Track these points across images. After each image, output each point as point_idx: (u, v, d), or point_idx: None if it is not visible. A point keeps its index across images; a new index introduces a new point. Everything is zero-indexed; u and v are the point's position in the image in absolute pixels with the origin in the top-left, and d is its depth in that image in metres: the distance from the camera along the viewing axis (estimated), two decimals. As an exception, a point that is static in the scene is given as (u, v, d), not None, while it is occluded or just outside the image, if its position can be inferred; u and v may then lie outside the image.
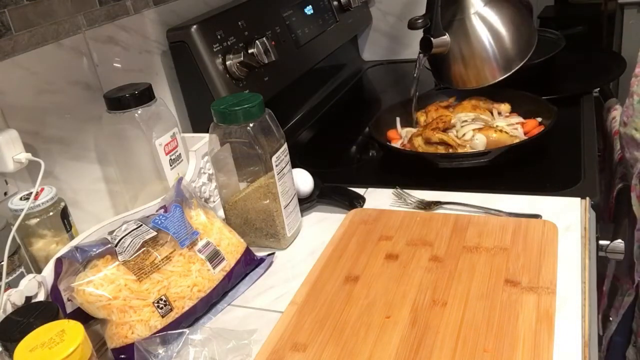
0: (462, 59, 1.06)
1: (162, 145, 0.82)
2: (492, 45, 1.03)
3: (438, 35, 1.04)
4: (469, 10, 1.04)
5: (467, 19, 1.03)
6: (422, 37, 1.05)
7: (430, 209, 0.84)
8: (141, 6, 0.96)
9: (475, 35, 1.04)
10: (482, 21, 1.04)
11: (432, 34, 1.04)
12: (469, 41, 1.05)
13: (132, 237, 0.66)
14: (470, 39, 1.04)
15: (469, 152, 0.94)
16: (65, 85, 0.82)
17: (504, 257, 0.70)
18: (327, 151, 1.16)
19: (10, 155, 0.71)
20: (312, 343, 0.62)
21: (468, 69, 1.06)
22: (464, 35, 1.04)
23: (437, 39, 1.04)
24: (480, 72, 1.06)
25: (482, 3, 1.04)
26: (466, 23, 1.04)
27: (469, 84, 1.08)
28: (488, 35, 1.03)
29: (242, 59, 1.00)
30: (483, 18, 1.03)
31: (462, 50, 1.06)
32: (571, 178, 0.86)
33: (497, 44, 1.03)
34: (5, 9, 0.74)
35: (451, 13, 1.06)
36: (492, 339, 0.58)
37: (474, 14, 1.03)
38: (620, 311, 0.99)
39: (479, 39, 1.04)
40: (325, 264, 0.75)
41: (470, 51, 1.05)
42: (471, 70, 1.05)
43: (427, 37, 1.04)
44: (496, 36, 1.04)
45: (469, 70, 1.06)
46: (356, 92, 1.48)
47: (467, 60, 1.06)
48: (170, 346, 0.63)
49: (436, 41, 1.04)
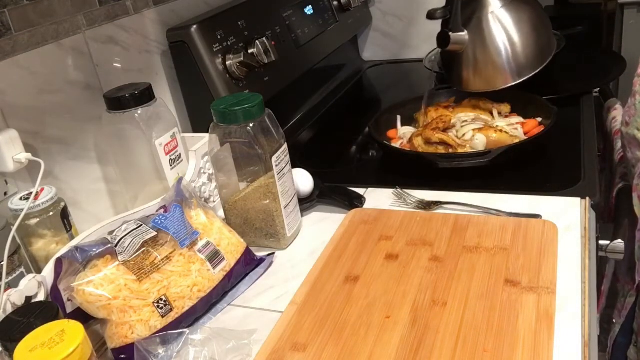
0: (475, 60, 1.02)
1: (162, 145, 0.82)
2: (507, 49, 0.99)
3: (456, 30, 0.99)
4: (487, 9, 1.00)
5: (485, 17, 0.99)
6: (440, 32, 0.99)
7: (430, 209, 0.84)
8: (141, 6, 0.96)
9: (491, 36, 1.00)
10: (499, 22, 1.00)
11: (451, 29, 0.99)
12: (483, 42, 1.01)
13: (132, 237, 0.66)
14: (485, 39, 1.00)
15: (469, 152, 0.94)
16: (65, 85, 0.82)
17: (504, 257, 0.70)
18: (327, 151, 1.16)
19: (10, 155, 0.71)
20: (312, 343, 0.62)
21: (478, 72, 1.01)
22: (479, 35, 1.00)
23: (455, 34, 0.99)
24: (490, 76, 1.02)
25: (499, 4, 1.00)
26: (483, 22, 1.00)
27: (477, 87, 1.05)
28: (504, 38, 0.99)
29: (242, 59, 1.00)
30: (499, 19, 0.99)
31: (475, 50, 1.02)
32: (571, 178, 0.86)
33: (512, 49, 0.99)
34: (5, 9, 0.74)
35: (470, 9, 1.01)
36: (492, 339, 0.58)
37: (491, 14, 0.99)
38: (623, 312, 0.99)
39: (493, 40, 1.00)
40: (325, 264, 0.75)
41: (484, 53, 1.01)
42: (482, 73, 1.01)
43: (445, 32, 0.99)
44: (511, 40, 1.00)
45: (479, 73, 1.02)
46: (356, 92, 1.48)
47: (479, 62, 1.02)
48: (170, 346, 0.63)
49: (454, 37, 0.98)
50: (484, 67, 1.02)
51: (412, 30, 1.56)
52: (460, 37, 0.99)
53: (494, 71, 1.01)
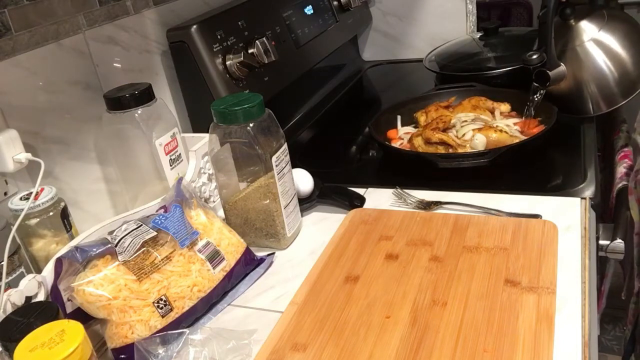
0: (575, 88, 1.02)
1: (162, 145, 0.82)
2: (612, 70, 0.99)
3: (554, 67, 1.00)
4: (581, 38, 1.01)
5: (580, 47, 1.00)
6: (538, 71, 0.99)
7: (430, 209, 0.84)
8: (141, 6, 0.96)
9: (592, 63, 1.00)
10: (599, 47, 1.00)
11: (548, 67, 0.99)
12: (583, 70, 1.01)
13: (132, 237, 0.66)
14: (585, 68, 1.00)
15: (469, 152, 0.94)
16: (65, 85, 0.82)
17: (504, 257, 0.70)
18: (327, 151, 1.16)
19: (10, 155, 0.71)
20: (312, 343, 0.62)
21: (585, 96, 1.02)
22: (578, 65, 1.01)
23: (553, 71, 0.99)
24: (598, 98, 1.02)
25: (596, 29, 1.01)
26: (579, 52, 1.00)
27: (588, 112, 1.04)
28: (606, 60, 0.99)
29: (242, 59, 1.00)
30: (600, 43, 1.00)
31: (576, 79, 1.02)
32: (571, 178, 0.87)
33: (617, 70, 1.00)
34: (5, 9, 0.74)
35: (562, 43, 1.03)
36: (492, 339, 0.58)
37: (589, 41, 0.99)
38: None
39: (595, 66, 1.00)
40: (325, 264, 0.75)
41: (585, 80, 1.01)
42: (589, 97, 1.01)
43: (543, 71, 0.99)
44: (615, 61, 1.00)
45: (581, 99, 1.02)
46: (356, 92, 1.48)
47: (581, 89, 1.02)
48: (170, 346, 0.63)
49: (553, 74, 0.99)
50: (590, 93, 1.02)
51: (412, 30, 1.56)
52: (559, 72, 1.00)
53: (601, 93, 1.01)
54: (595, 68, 1.01)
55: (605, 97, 1.01)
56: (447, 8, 1.49)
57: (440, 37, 1.48)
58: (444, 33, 1.49)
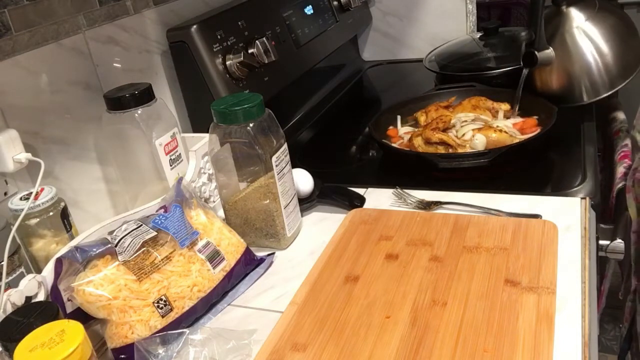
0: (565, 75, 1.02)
1: (162, 145, 0.82)
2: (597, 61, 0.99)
3: (542, 49, 1.00)
4: (570, 24, 1.00)
5: (568, 33, 0.99)
6: (526, 52, 1.00)
7: (430, 209, 0.84)
8: (141, 6, 0.96)
9: (577, 50, 1.00)
10: (585, 35, 0.99)
11: (536, 48, 0.99)
12: (570, 57, 1.01)
13: (132, 237, 0.66)
14: (572, 54, 1.00)
15: (469, 152, 0.94)
16: (65, 85, 0.82)
17: (504, 257, 0.70)
18: (327, 151, 1.16)
19: (10, 155, 0.71)
20: (312, 343, 0.62)
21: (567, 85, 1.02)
22: (565, 50, 1.01)
23: (541, 52, 0.99)
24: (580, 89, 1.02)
25: (583, 17, 1.00)
26: (566, 38, 1.00)
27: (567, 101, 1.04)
28: (592, 50, 0.99)
29: (242, 59, 1.00)
30: (585, 32, 0.99)
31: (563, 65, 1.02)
32: (571, 178, 0.86)
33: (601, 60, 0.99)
34: (5, 9, 0.74)
35: (553, 26, 1.02)
36: (492, 339, 0.58)
37: (576, 28, 0.99)
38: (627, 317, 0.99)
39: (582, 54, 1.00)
40: (325, 264, 0.75)
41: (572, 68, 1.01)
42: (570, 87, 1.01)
43: (531, 52, 1.00)
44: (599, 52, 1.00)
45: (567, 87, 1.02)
46: (356, 92, 1.48)
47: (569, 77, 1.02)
48: (170, 346, 0.63)
49: (541, 55, 0.99)
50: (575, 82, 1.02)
51: (412, 30, 1.56)
52: (547, 55, 1.00)
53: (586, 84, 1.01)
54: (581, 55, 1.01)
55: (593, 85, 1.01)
56: (447, 8, 1.49)
57: (440, 37, 1.48)
58: (444, 33, 1.49)
